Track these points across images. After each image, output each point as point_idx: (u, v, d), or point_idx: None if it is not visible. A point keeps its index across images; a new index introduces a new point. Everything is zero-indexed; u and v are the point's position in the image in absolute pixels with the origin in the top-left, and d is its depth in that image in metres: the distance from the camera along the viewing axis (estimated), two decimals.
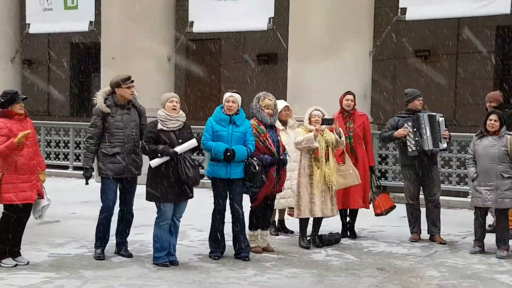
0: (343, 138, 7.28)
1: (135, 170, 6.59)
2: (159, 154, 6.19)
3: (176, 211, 6.37)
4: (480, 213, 7.07)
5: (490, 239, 7.17)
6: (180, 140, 6.27)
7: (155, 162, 6.20)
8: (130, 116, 6.57)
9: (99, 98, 6.54)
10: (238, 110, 6.67)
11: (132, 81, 6.53)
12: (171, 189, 6.22)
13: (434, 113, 7.69)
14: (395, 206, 7.93)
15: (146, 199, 6.38)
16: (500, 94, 7.95)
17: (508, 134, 6.97)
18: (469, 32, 13.44)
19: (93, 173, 6.65)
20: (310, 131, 7.16)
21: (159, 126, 6.30)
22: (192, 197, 6.41)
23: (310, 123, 7.24)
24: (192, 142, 6.29)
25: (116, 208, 6.64)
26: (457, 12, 10.71)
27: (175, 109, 6.35)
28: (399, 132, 7.64)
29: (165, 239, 6.33)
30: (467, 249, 7.19)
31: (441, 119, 7.63)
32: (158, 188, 6.23)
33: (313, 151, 7.18)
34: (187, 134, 6.39)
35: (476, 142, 7.10)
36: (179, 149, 6.20)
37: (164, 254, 6.33)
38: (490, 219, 7.61)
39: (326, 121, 7.11)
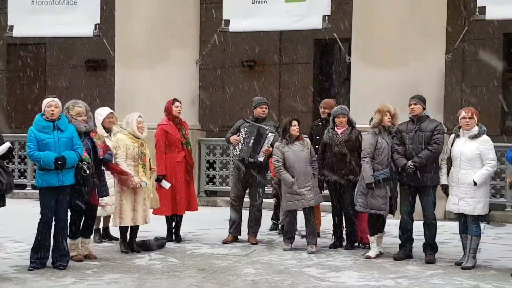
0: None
1: None
2: None
3: None
4: (293, 215, 7.53)
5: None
6: None
7: None
8: None
9: None
10: (59, 116, 6.53)
11: None
12: None
13: (267, 128, 7.96)
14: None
15: None
16: (334, 101, 8.54)
17: (305, 137, 7.53)
18: (290, 44, 14.36)
19: None
20: (137, 138, 7.28)
21: None
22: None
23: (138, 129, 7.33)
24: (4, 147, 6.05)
25: None
26: (276, 25, 11.43)
27: None
28: (233, 139, 8.03)
29: None
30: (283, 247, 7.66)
31: (270, 134, 7.91)
32: None
33: (140, 158, 7.29)
34: None
35: (285, 149, 7.40)
36: None
37: None
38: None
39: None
